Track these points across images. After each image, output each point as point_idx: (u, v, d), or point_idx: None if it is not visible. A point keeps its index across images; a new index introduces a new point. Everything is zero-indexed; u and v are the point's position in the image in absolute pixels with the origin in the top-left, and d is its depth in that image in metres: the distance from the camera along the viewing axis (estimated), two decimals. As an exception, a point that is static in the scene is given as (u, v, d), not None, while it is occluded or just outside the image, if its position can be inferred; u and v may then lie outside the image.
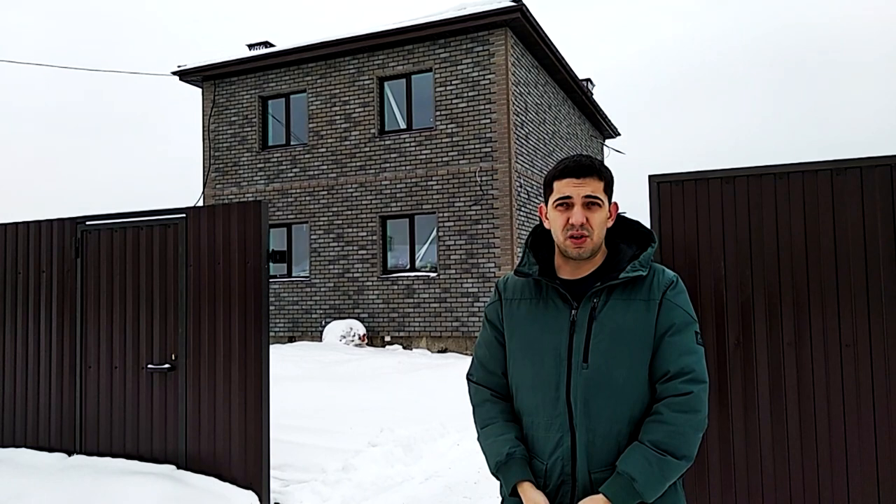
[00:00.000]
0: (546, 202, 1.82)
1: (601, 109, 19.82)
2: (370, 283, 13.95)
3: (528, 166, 14.10)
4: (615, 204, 1.83)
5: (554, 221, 1.78)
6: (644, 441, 1.63)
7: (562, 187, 1.75)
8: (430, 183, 13.56)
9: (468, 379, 1.93)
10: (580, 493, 1.67)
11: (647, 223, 3.69)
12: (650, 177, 3.68)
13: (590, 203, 1.73)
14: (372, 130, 14.12)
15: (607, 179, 1.77)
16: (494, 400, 1.85)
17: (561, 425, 1.70)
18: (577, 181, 1.73)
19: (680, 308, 1.73)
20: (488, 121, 13.12)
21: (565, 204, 1.74)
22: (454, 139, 13.40)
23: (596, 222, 1.74)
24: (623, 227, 1.88)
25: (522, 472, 1.72)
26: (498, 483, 1.81)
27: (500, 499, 1.85)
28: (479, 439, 1.85)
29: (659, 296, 1.72)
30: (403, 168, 13.81)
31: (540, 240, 1.89)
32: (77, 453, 5.01)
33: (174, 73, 15.91)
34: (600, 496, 1.62)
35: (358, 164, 14.22)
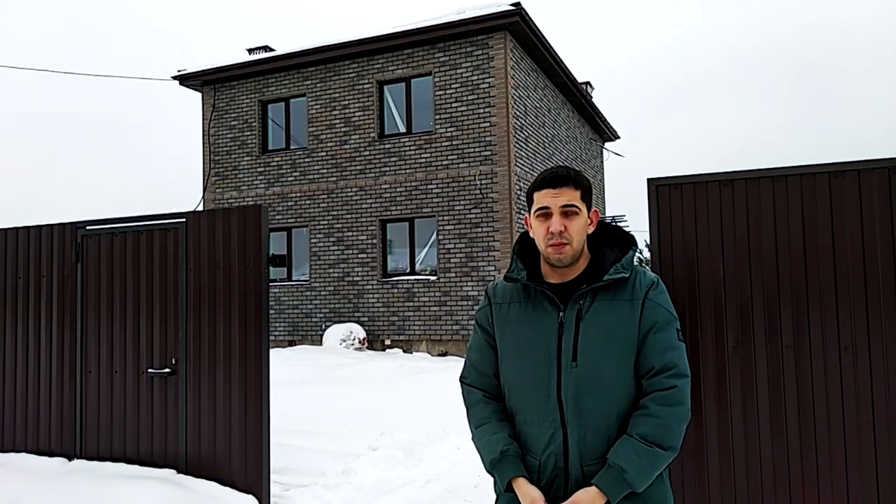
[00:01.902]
0: (529, 213, 1.92)
1: (600, 112, 19.85)
2: (370, 287, 13.96)
3: (527, 169, 14.11)
4: (595, 211, 1.92)
5: (536, 231, 1.88)
6: (633, 434, 1.72)
7: (540, 198, 1.85)
8: (429, 186, 13.58)
9: (461, 381, 2.01)
10: (573, 486, 1.74)
11: (646, 226, 3.71)
12: (649, 180, 3.69)
13: (567, 211, 1.82)
14: (372, 134, 14.14)
15: (584, 188, 1.87)
16: (487, 400, 1.93)
17: (553, 422, 1.77)
18: (555, 191, 1.83)
19: (662, 307, 1.82)
20: (488, 124, 13.14)
21: (545, 214, 1.84)
22: (454, 143, 13.42)
23: (575, 229, 1.83)
24: (605, 233, 1.97)
25: (516, 468, 1.79)
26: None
27: (495, 496, 1.91)
28: (473, 439, 1.93)
29: (641, 296, 1.82)
30: (403, 172, 13.83)
31: (527, 246, 1.98)
32: (77, 458, 5.01)
33: (174, 78, 15.94)
34: (593, 488, 1.69)
35: (358, 167, 14.24)
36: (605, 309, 1.79)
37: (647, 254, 19.36)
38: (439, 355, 13.16)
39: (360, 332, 13.40)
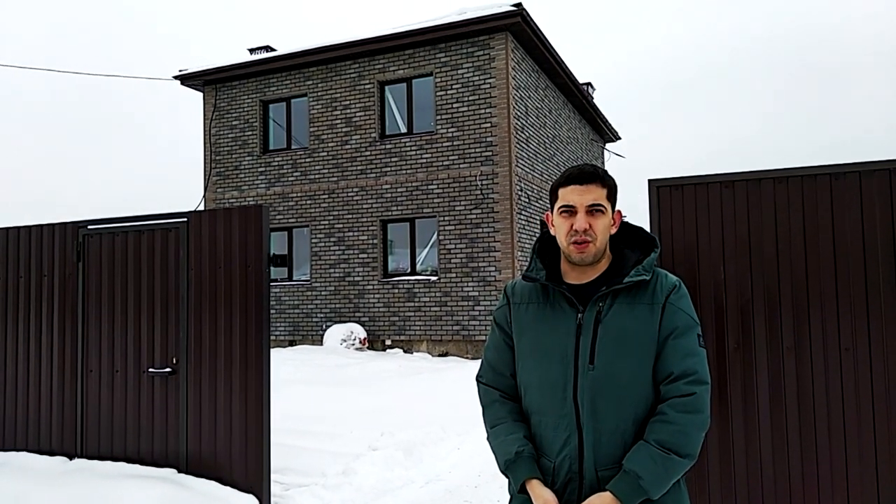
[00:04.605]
0: (552, 210, 1.89)
1: (601, 113, 19.85)
2: (371, 287, 13.96)
3: (528, 170, 14.11)
4: (619, 211, 1.89)
5: (559, 228, 1.84)
6: (649, 440, 1.69)
7: (566, 195, 1.82)
8: (430, 187, 13.58)
9: (478, 380, 1.99)
10: (587, 491, 1.72)
11: (647, 227, 3.71)
12: (650, 181, 3.69)
13: (593, 210, 1.79)
14: (373, 134, 14.14)
15: (610, 187, 1.84)
16: (503, 400, 1.90)
17: (568, 425, 1.75)
18: (581, 188, 1.80)
19: (683, 312, 1.79)
20: (489, 125, 13.15)
21: (569, 211, 1.81)
22: (455, 143, 13.42)
23: (599, 228, 1.80)
24: (627, 233, 1.94)
25: (531, 469, 1.77)
26: (499, 486, 1.86)
27: (508, 496, 1.89)
28: (488, 439, 1.91)
29: (662, 299, 1.78)
30: (404, 172, 13.83)
31: (547, 246, 1.95)
32: (78, 457, 5.02)
33: (175, 78, 15.95)
34: (607, 493, 1.67)
35: (359, 167, 14.24)
36: (625, 312, 1.76)
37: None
38: (440, 356, 13.16)
39: (360, 333, 13.40)
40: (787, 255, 3.42)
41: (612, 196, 1.84)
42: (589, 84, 21.59)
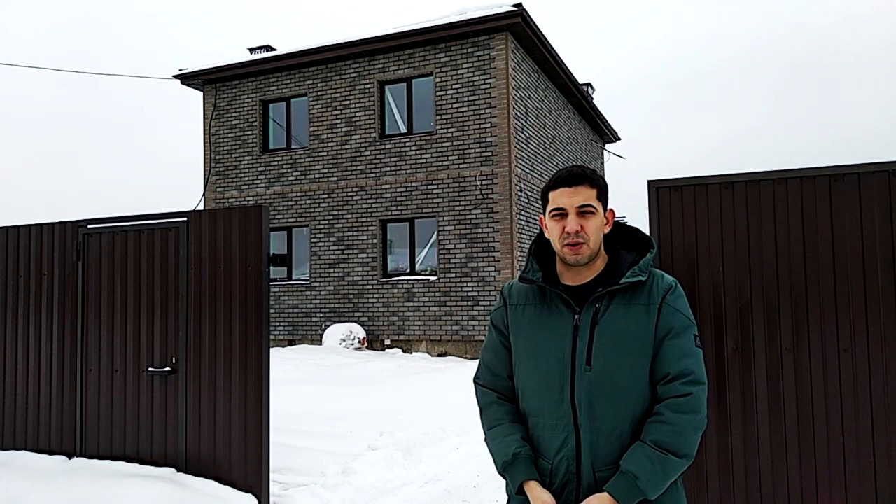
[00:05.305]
0: (544, 213, 1.89)
1: (601, 114, 19.85)
2: (370, 287, 13.96)
3: (528, 170, 14.12)
4: (611, 210, 1.89)
5: (551, 231, 1.85)
6: (646, 441, 1.69)
7: (556, 198, 1.83)
8: (430, 187, 13.59)
9: (475, 382, 1.99)
10: (585, 492, 1.72)
11: (646, 228, 3.72)
12: (649, 182, 3.70)
13: (584, 211, 1.80)
14: (372, 134, 14.15)
15: (600, 187, 1.84)
16: (500, 402, 1.91)
17: (566, 426, 1.75)
18: (570, 190, 1.81)
19: (679, 312, 1.79)
20: (489, 125, 13.15)
21: (560, 213, 1.82)
22: (454, 143, 13.43)
23: (591, 229, 1.80)
24: (622, 234, 1.94)
25: (528, 471, 1.77)
26: (498, 486, 1.87)
27: (506, 497, 1.91)
28: (486, 440, 1.92)
29: (658, 300, 1.78)
30: (404, 172, 13.84)
31: (543, 247, 1.96)
32: (77, 456, 5.02)
33: (175, 77, 15.95)
34: (605, 494, 1.67)
35: (358, 167, 14.25)
36: (621, 313, 1.77)
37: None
38: (439, 356, 13.17)
39: (359, 332, 13.40)
40: (786, 256, 3.43)
41: (602, 196, 1.84)
42: (589, 84, 21.60)
